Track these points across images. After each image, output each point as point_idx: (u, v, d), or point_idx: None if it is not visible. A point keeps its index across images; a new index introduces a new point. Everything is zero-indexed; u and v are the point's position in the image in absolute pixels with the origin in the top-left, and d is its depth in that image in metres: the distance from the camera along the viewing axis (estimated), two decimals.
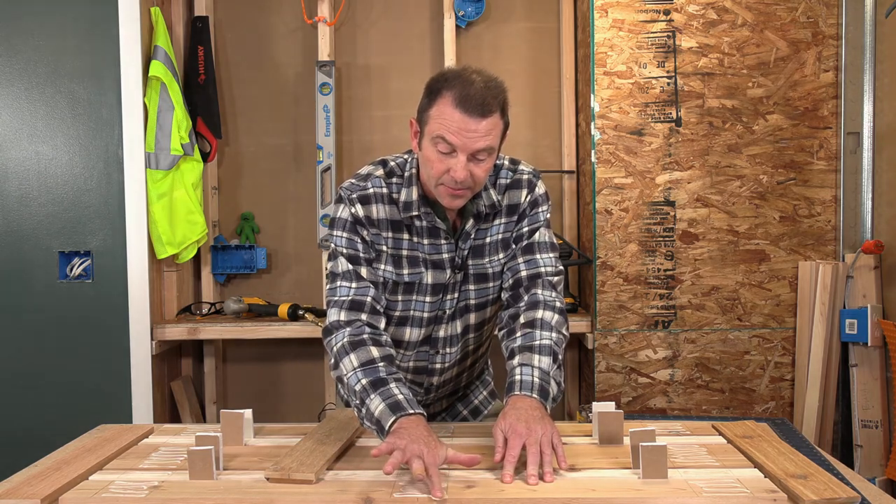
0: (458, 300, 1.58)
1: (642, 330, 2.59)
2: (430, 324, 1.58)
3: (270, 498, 1.19)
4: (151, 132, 2.62)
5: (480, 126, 1.38)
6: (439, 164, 1.41)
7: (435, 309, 1.57)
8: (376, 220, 1.51)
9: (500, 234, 1.56)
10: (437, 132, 1.39)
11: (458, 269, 1.54)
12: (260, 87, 3.00)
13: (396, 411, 1.33)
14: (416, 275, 1.53)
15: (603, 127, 2.57)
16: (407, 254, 1.52)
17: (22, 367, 2.58)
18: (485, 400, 1.82)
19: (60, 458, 1.39)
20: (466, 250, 1.55)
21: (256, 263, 2.95)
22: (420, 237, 1.52)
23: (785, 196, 2.58)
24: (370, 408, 1.35)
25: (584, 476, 1.28)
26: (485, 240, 1.56)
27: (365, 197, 1.51)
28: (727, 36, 2.55)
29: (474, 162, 1.41)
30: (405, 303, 1.54)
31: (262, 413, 2.74)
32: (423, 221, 1.52)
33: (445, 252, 1.53)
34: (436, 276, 1.54)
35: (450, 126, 1.38)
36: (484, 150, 1.40)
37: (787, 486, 1.19)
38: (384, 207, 1.51)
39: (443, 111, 1.39)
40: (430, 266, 1.53)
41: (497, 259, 1.57)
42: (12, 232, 2.58)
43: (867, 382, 2.49)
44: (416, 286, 1.53)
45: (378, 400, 1.35)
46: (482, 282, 1.57)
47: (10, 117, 2.57)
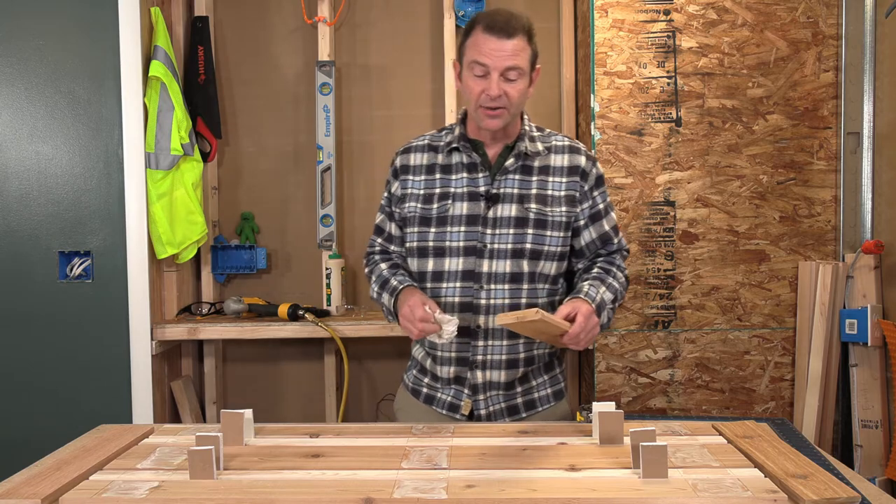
0: (509, 240, 1.68)
1: (642, 330, 2.59)
2: (468, 254, 1.69)
3: (270, 498, 1.19)
4: (151, 132, 2.62)
5: (507, 45, 1.60)
6: (476, 87, 1.63)
7: (472, 240, 1.69)
8: (411, 166, 1.77)
9: (564, 190, 1.72)
10: (471, 58, 1.63)
11: (491, 202, 1.69)
12: (260, 87, 3.00)
13: (392, 294, 1.70)
14: (444, 207, 1.71)
15: (603, 127, 2.58)
16: (439, 191, 1.73)
17: (22, 366, 2.58)
18: (546, 397, 1.78)
19: (60, 458, 1.39)
20: (508, 188, 1.70)
21: (256, 263, 2.95)
22: (459, 172, 1.73)
23: (785, 196, 2.58)
24: (385, 303, 1.73)
25: (584, 476, 1.28)
26: (547, 191, 1.71)
27: (406, 148, 1.81)
28: (727, 36, 2.55)
29: (506, 82, 1.62)
30: (438, 234, 1.71)
31: (262, 413, 2.75)
32: (461, 156, 1.73)
33: (482, 185, 1.71)
34: (470, 208, 1.70)
35: (481, 48, 1.61)
36: (513, 70, 1.61)
37: (788, 486, 1.19)
38: (422, 155, 1.77)
39: (475, 39, 1.62)
40: (464, 199, 1.71)
41: (560, 211, 1.71)
42: (12, 232, 2.58)
43: (867, 382, 2.49)
44: (449, 219, 1.70)
45: (386, 296, 1.73)
46: (542, 227, 1.70)
47: (10, 117, 2.57)
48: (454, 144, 1.73)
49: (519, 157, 1.72)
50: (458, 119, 1.78)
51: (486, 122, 1.65)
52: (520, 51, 1.61)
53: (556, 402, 1.80)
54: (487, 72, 1.61)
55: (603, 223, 1.76)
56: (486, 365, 1.71)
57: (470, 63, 1.63)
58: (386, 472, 1.30)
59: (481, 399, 1.73)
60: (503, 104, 1.63)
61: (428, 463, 1.35)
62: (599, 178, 1.76)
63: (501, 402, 1.74)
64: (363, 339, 2.78)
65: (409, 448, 1.44)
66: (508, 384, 1.74)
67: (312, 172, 2.94)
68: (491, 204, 1.69)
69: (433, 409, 1.78)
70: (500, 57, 1.60)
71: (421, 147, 1.78)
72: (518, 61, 1.61)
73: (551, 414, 1.79)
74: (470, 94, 1.65)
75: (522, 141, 1.72)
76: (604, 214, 1.77)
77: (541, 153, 1.73)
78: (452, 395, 1.75)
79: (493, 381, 1.72)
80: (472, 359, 1.71)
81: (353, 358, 2.97)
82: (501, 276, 1.68)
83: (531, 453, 1.40)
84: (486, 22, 1.61)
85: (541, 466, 1.33)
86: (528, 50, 1.64)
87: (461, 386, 1.74)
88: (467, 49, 1.65)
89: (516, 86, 1.63)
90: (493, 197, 1.69)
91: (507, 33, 1.60)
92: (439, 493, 1.20)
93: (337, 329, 2.66)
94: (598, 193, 1.76)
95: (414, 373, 1.85)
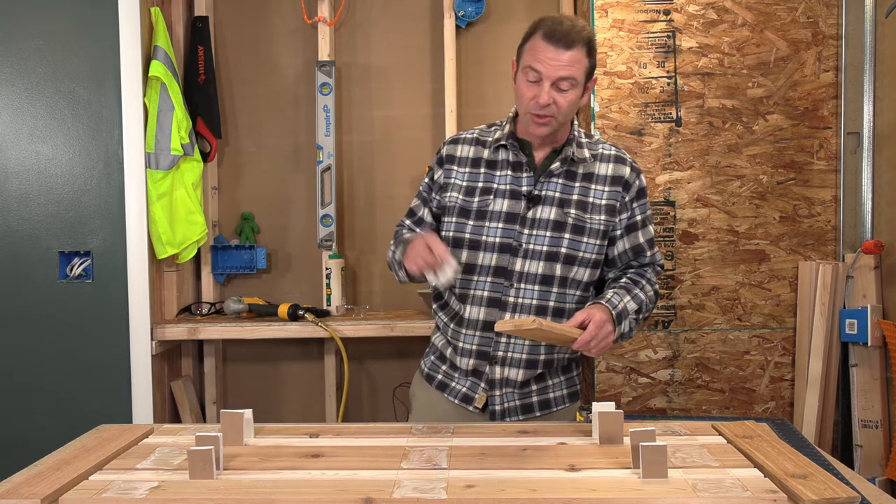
0: (545, 242, 1.68)
1: (642, 330, 2.59)
2: (502, 251, 1.69)
3: (270, 498, 1.19)
4: (151, 132, 2.62)
5: (564, 56, 1.58)
6: (528, 92, 1.62)
7: (508, 237, 1.69)
8: (457, 157, 1.77)
9: (605, 199, 1.72)
10: (527, 63, 1.62)
11: (532, 202, 1.69)
12: (260, 87, 3.00)
13: (403, 245, 1.69)
14: (485, 201, 1.71)
15: (603, 127, 2.58)
16: (482, 185, 1.73)
17: (22, 366, 2.58)
18: (561, 398, 1.79)
19: (60, 458, 1.39)
20: (550, 191, 1.70)
21: (256, 263, 2.95)
22: (504, 169, 1.73)
23: (785, 196, 2.58)
24: (396, 258, 1.75)
25: (584, 476, 1.28)
26: (588, 198, 1.71)
27: (454, 139, 1.81)
28: (727, 36, 2.55)
29: (558, 91, 1.60)
30: (476, 227, 1.71)
31: (262, 413, 2.74)
32: (508, 154, 1.73)
33: (525, 185, 1.71)
34: (511, 206, 1.70)
35: (537, 55, 1.60)
36: (566, 80, 1.59)
37: (787, 486, 1.19)
38: (469, 148, 1.78)
39: (534, 44, 1.61)
40: (506, 196, 1.71)
41: (599, 219, 1.71)
42: (12, 232, 2.58)
43: (867, 382, 2.49)
44: (489, 213, 1.70)
45: (398, 250, 1.73)
46: (579, 233, 1.69)
47: (10, 117, 2.57)
48: (502, 142, 1.73)
49: (565, 162, 1.71)
50: (509, 117, 1.76)
51: (532, 129, 1.65)
52: (576, 62, 1.59)
53: (570, 404, 1.81)
54: (540, 79, 1.60)
55: (638, 235, 1.75)
56: (505, 361, 1.72)
57: (525, 67, 1.62)
58: (386, 472, 1.30)
59: (497, 395, 1.73)
60: (551, 113, 1.62)
61: (428, 463, 1.35)
62: (641, 191, 1.76)
63: (516, 400, 1.75)
64: (363, 339, 2.78)
65: (408, 448, 1.44)
66: (524, 383, 1.74)
67: (312, 172, 2.94)
68: (531, 205, 1.69)
69: (446, 396, 1.78)
70: (554, 67, 1.58)
71: (469, 140, 1.78)
72: (573, 72, 1.59)
73: (565, 415, 1.79)
74: (521, 97, 1.64)
75: (570, 146, 1.71)
76: (640, 226, 1.76)
77: (587, 160, 1.72)
78: (468, 387, 1.76)
79: (510, 378, 1.73)
80: (493, 354, 1.72)
81: (353, 358, 2.97)
82: (533, 276, 1.68)
83: (531, 453, 1.40)
84: (547, 29, 1.60)
85: (540, 466, 1.33)
86: (586, 62, 1.62)
87: (478, 379, 1.75)
88: (524, 53, 1.64)
89: (567, 96, 1.61)
90: (535, 198, 1.70)
91: (566, 44, 1.58)
92: (439, 493, 1.20)
93: (337, 329, 2.66)
94: (638, 205, 1.75)
95: (432, 359, 1.85)
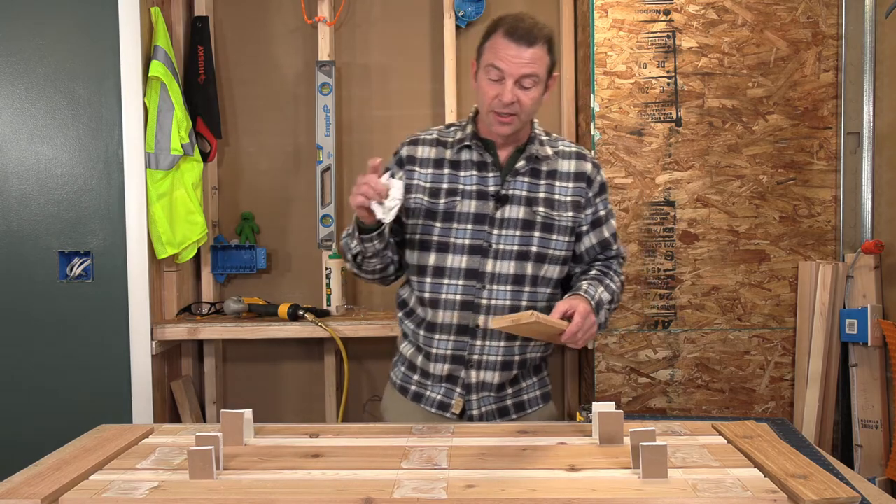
0: (515, 241, 1.68)
1: (642, 330, 2.59)
2: (473, 253, 1.68)
3: (270, 498, 1.19)
4: (151, 132, 2.62)
5: (526, 54, 1.58)
6: (490, 91, 1.61)
7: (478, 238, 1.68)
8: (418, 158, 1.74)
9: (570, 195, 1.73)
10: (489, 61, 1.61)
11: (500, 202, 1.68)
12: (260, 87, 3.00)
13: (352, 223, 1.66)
14: (452, 203, 1.69)
15: (603, 127, 2.58)
16: (447, 186, 1.71)
17: (22, 367, 2.58)
18: (535, 399, 1.80)
19: (60, 458, 1.39)
20: (517, 190, 1.70)
21: (256, 263, 2.95)
22: (469, 170, 1.71)
23: (785, 196, 2.58)
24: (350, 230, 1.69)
25: (584, 476, 1.28)
26: (554, 195, 1.72)
27: (413, 140, 1.78)
28: (727, 36, 2.55)
29: (521, 89, 1.60)
30: (444, 229, 1.70)
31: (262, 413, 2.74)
32: (472, 154, 1.72)
33: (492, 185, 1.70)
34: (479, 206, 1.69)
35: (498, 53, 1.59)
36: (529, 77, 1.59)
37: (788, 486, 1.19)
38: (430, 148, 1.75)
39: (495, 42, 1.61)
40: (473, 196, 1.69)
41: (566, 216, 1.72)
42: (12, 232, 2.58)
43: (867, 382, 2.49)
44: (456, 215, 1.69)
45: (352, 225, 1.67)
46: (548, 231, 1.70)
47: (10, 117, 2.57)
48: (466, 142, 1.72)
49: (530, 160, 1.72)
50: (469, 117, 1.77)
51: (496, 128, 1.65)
52: (538, 59, 1.60)
53: (544, 405, 1.82)
54: (503, 77, 1.60)
55: (603, 230, 1.77)
56: (481, 365, 1.71)
57: (486, 66, 1.62)
58: (386, 472, 1.30)
59: (474, 399, 1.73)
60: (515, 111, 1.62)
61: (428, 463, 1.35)
62: (603, 185, 1.78)
63: (493, 404, 1.74)
64: (363, 339, 2.78)
65: (408, 448, 1.44)
66: (500, 386, 1.74)
67: (312, 172, 2.94)
68: (500, 204, 1.69)
69: (422, 407, 1.76)
70: (517, 64, 1.58)
71: (430, 140, 1.77)
72: (535, 69, 1.60)
73: (539, 416, 1.79)
74: (483, 96, 1.64)
75: (533, 144, 1.72)
76: (605, 221, 1.78)
77: (550, 157, 1.73)
78: (443, 394, 1.74)
79: (487, 381, 1.72)
80: (468, 358, 1.71)
81: (353, 358, 2.97)
82: (505, 277, 1.68)
83: (531, 453, 1.40)
84: (509, 26, 1.60)
85: (540, 466, 1.33)
86: (547, 59, 1.63)
87: (453, 384, 1.73)
88: (486, 51, 1.64)
89: (530, 94, 1.62)
90: (503, 198, 1.69)
91: (528, 41, 1.58)
92: (439, 493, 1.20)
93: (337, 329, 2.66)
94: (601, 200, 1.77)
95: (402, 369, 1.83)
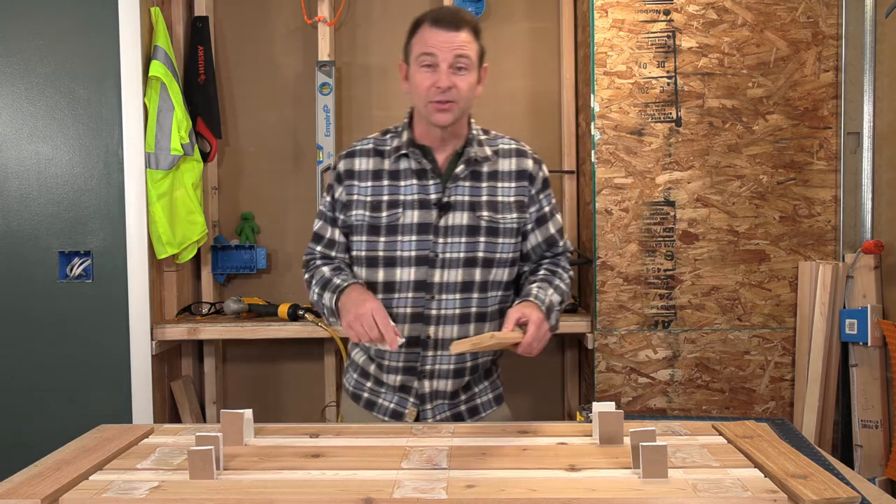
0: (462, 248, 1.66)
1: (642, 330, 2.59)
2: (420, 264, 1.66)
3: (270, 498, 1.19)
4: (151, 132, 2.62)
5: (456, 38, 1.59)
6: (425, 81, 1.60)
7: (423, 249, 1.65)
8: (357, 171, 1.71)
9: (513, 196, 1.71)
10: (419, 51, 1.61)
11: (443, 210, 1.66)
12: (260, 87, 3.00)
13: (334, 291, 1.63)
14: (394, 215, 1.66)
15: (603, 127, 2.58)
16: (388, 199, 1.67)
17: (22, 366, 2.58)
18: (488, 402, 1.79)
19: (60, 458, 1.39)
20: (459, 195, 1.67)
21: (256, 263, 2.95)
22: (408, 179, 1.68)
23: (785, 196, 2.58)
24: (326, 303, 1.66)
25: (584, 476, 1.28)
26: (497, 197, 1.69)
27: (350, 152, 1.74)
28: (727, 36, 2.55)
29: (456, 74, 1.60)
30: (389, 243, 1.66)
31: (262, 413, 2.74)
32: (410, 162, 1.68)
33: (433, 193, 1.67)
34: (421, 216, 1.66)
35: (428, 41, 1.60)
36: (463, 58, 1.59)
37: (788, 486, 1.19)
38: (367, 160, 1.72)
39: (423, 34, 1.62)
40: (415, 206, 1.66)
41: (511, 217, 1.70)
42: (12, 232, 2.58)
43: (867, 382, 2.49)
44: (400, 227, 1.66)
45: (327, 295, 1.65)
46: (494, 235, 1.68)
47: (10, 117, 2.57)
48: (403, 150, 1.68)
49: (469, 164, 1.68)
50: (404, 122, 1.73)
51: (435, 117, 1.62)
52: (467, 43, 1.60)
53: (497, 407, 1.81)
54: (436, 62, 1.59)
55: (549, 226, 1.75)
56: (433, 374, 1.70)
57: (418, 57, 1.61)
58: (386, 472, 1.30)
59: (428, 408, 1.72)
60: (453, 97, 1.60)
61: (428, 463, 1.35)
62: (545, 181, 1.76)
63: (447, 411, 1.74)
64: None
65: (409, 448, 1.44)
66: (453, 393, 1.74)
67: (312, 172, 2.94)
68: (443, 212, 1.66)
69: (374, 415, 1.75)
70: (449, 47, 1.58)
71: (366, 151, 1.73)
72: (467, 51, 1.60)
73: (492, 418, 1.79)
74: (418, 89, 1.62)
75: (471, 146, 1.69)
76: (549, 217, 1.76)
77: (489, 158, 1.70)
78: (397, 403, 1.73)
79: (440, 390, 1.72)
80: (421, 368, 1.70)
81: None
82: (453, 285, 1.66)
83: (531, 453, 1.40)
84: (433, 16, 1.62)
85: (541, 466, 1.33)
86: (476, 44, 1.63)
87: (406, 394, 1.73)
88: (414, 46, 1.63)
89: (466, 78, 1.61)
90: (445, 205, 1.66)
91: (455, 26, 1.59)
92: (439, 493, 1.20)
93: (337, 329, 2.66)
94: (544, 196, 1.75)
95: (355, 376, 1.81)
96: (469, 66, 1.61)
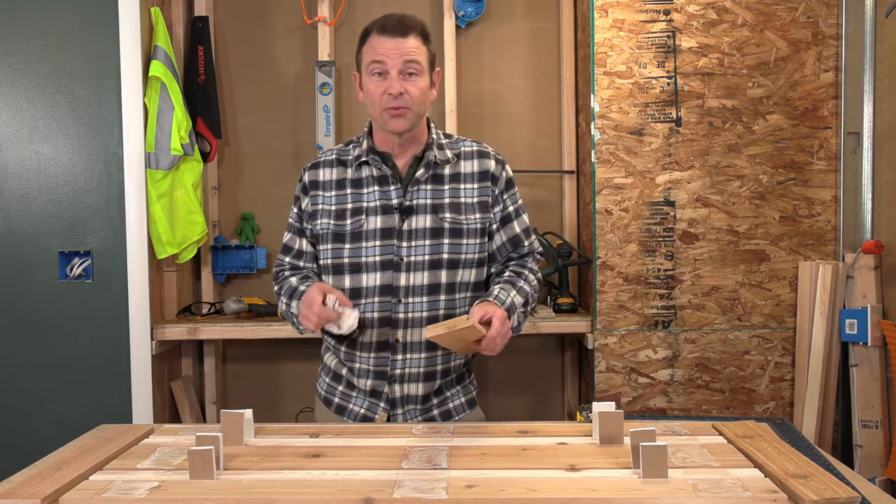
0: (426, 251, 1.67)
1: (642, 330, 2.59)
2: (385, 269, 1.67)
3: (270, 498, 1.19)
4: (151, 132, 2.62)
5: (404, 44, 1.61)
6: (377, 89, 1.63)
7: (388, 254, 1.67)
8: (321, 181, 1.74)
9: (476, 196, 1.72)
10: (369, 60, 1.64)
11: (405, 214, 1.68)
12: (260, 87, 3.00)
13: (300, 298, 1.64)
14: (358, 222, 1.69)
15: (603, 127, 2.58)
16: (351, 206, 1.70)
17: (22, 366, 2.58)
18: (460, 406, 1.79)
19: (60, 458, 1.39)
20: (421, 199, 1.69)
21: (256, 263, 2.95)
22: (370, 186, 1.70)
23: (785, 196, 2.58)
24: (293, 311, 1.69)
25: (584, 476, 1.28)
26: (459, 199, 1.71)
27: (314, 164, 1.77)
28: (727, 36, 2.55)
29: (406, 80, 1.62)
30: (354, 250, 1.69)
31: (262, 413, 2.75)
32: (371, 169, 1.71)
33: (394, 198, 1.69)
34: (384, 222, 1.68)
35: (377, 48, 1.62)
36: (412, 64, 1.62)
37: (788, 486, 1.19)
38: (330, 170, 1.75)
39: (371, 43, 1.64)
40: (378, 212, 1.68)
41: (474, 218, 1.71)
42: (12, 232, 2.58)
43: (867, 382, 2.49)
44: (364, 234, 1.68)
45: (294, 303, 1.68)
46: (457, 236, 1.69)
47: (10, 117, 2.57)
48: (363, 158, 1.70)
49: (429, 167, 1.70)
50: (364, 132, 1.75)
51: (391, 124, 1.64)
52: (416, 48, 1.62)
53: (470, 411, 1.81)
54: (386, 70, 1.62)
55: (514, 226, 1.76)
56: (404, 378, 1.71)
57: (368, 65, 1.64)
58: (386, 472, 1.30)
59: (399, 413, 1.72)
60: (405, 103, 1.62)
61: (428, 463, 1.35)
62: (509, 181, 1.76)
63: (419, 416, 1.74)
64: None
65: (409, 448, 1.44)
66: (425, 397, 1.73)
67: None
68: (405, 216, 1.68)
69: (345, 420, 1.75)
70: (397, 54, 1.60)
71: (329, 162, 1.75)
72: (416, 56, 1.62)
73: (465, 422, 1.78)
74: (371, 98, 1.65)
75: (431, 150, 1.71)
76: (514, 217, 1.76)
77: (450, 160, 1.72)
78: (367, 407, 1.73)
79: (411, 394, 1.72)
80: (391, 373, 1.70)
81: None
82: (419, 288, 1.67)
83: (531, 453, 1.40)
84: (380, 24, 1.63)
85: (541, 466, 1.33)
86: (425, 49, 1.65)
87: (377, 399, 1.73)
88: (364, 56, 1.66)
89: (417, 83, 1.63)
90: (407, 209, 1.68)
91: (402, 32, 1.61)
92: (439, 493, 1.20)
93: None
94: (509, 196, 1.76)
95: (327, 381, 1.82)
96: (419, 70, 1.63)
